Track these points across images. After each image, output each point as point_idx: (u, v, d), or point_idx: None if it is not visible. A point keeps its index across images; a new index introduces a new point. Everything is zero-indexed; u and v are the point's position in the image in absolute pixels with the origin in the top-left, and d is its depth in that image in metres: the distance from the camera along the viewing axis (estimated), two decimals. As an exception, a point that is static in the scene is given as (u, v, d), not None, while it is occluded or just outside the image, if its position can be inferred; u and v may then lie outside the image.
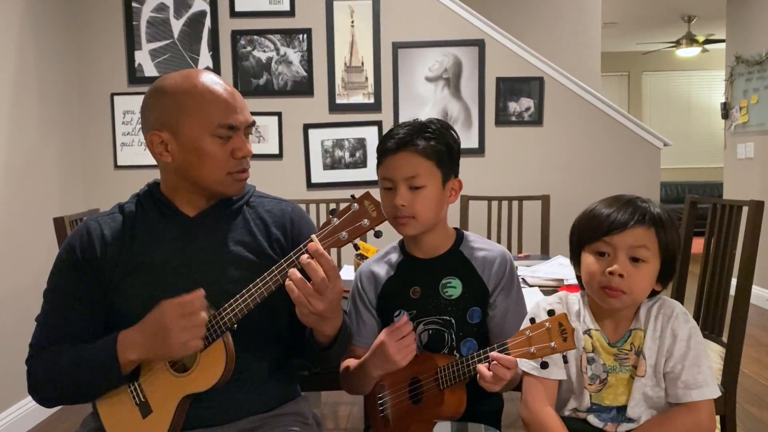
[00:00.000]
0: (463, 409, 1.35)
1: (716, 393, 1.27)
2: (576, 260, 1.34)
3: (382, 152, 1.42)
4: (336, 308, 1.20)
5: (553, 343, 1.14)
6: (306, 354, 1.36)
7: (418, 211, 1.38)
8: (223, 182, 1.29)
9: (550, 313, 1.17)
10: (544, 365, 1.19)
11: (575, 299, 1.36)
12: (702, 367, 1.26)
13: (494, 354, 1.20)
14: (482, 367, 1.21)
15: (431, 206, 1.40)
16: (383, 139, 1.43)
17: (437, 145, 1.40)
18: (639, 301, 1.29)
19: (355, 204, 1.12)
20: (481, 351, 1.25)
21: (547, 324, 1.15)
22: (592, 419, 1.31)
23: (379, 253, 1.57)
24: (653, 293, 1.31)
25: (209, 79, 1.27)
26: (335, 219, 1.13)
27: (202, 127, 1.25)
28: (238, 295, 1.18)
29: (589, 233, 1.28)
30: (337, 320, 1.25)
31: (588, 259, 1.29)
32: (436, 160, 1.40)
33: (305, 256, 1.14)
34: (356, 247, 1.17)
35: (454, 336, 1.43)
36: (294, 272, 1.14)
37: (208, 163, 1.26)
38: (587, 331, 1.32)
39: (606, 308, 1.30)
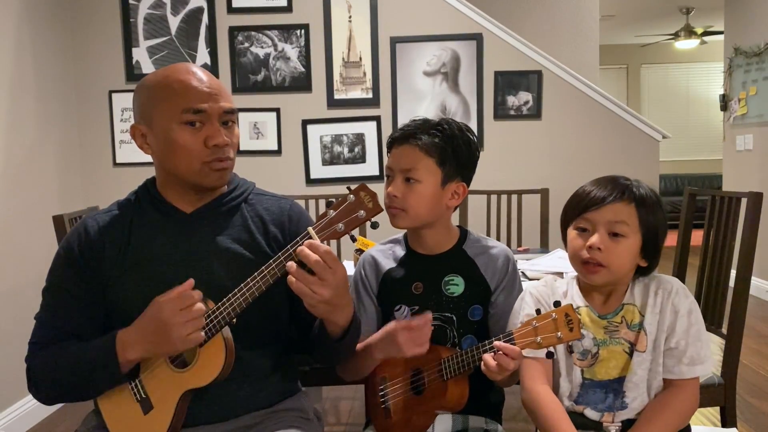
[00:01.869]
0: (465, 401, 1.35)
1: (713, 364, 1.31)
2: (564, 240, 1.36)
3: (390, 142, 1.46)
4: (344, 294, 1.18)
5: (559, 333, 1.16)
6: (314, 349, 1.35)
7: (410, 204, 1.40)
8: (199, 173, 1.26)
9: (556, 304, 1.19)
10: (550, 355, 1.21)
11: (563, 281, 1.38)
12: (703, 342, 1.29)
13: (499, 344, 1.21)
14: (488, 357, 1.22)
15: (424, 202, 1.40)
16: (394, 131, 1.47)
17: (441, 143, 1.40)
18: (619, 275, 1.29)
19: (351, 195, 1.12)
20: (487, 341, 1.26)
21: (553, 315, 1.17)
22: (589, 412, 1.31)
23: (383, 242, 1.57)
24: (643, 270, 1.32)
25: (183, 69, 1.27)
26: (331, 211, 1.13)
27: (170, 116, 1.24)
28: (236, 290, 1.18)
29: (571, 211, 1.32)
30: (349, 308, 1.23)
31: (571, 234, 1.32)
32: (436, 157, 1.40)
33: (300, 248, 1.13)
34: (353, 239, 1.16)
35: (455, 332, 1.44)
36: (291, 265, 1.13)
37: (179, 153, 1.24)
38: (575, 309, 1.32)
39: (590, 284, 1.32)
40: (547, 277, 1.41)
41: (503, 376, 1.22)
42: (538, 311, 1.21)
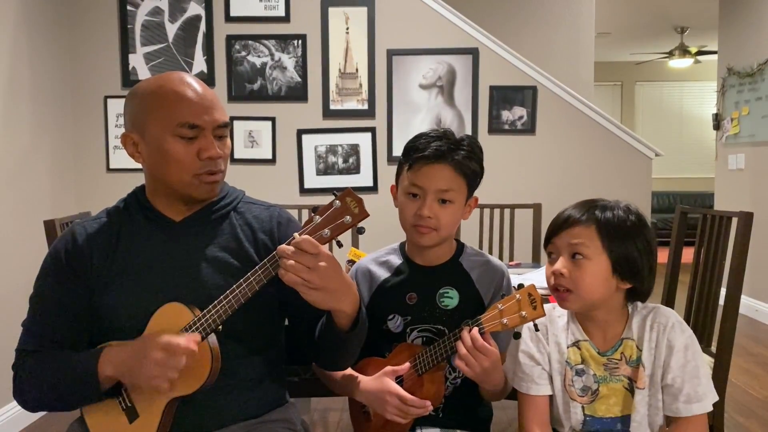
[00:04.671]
0: (441, 397, 1.34)
1: (714, 399, 1.26)
2: None
3: (417, 158, 1.39)
4: (336, 277, 1.14)
5: (523, 312, 1.18)
6: (320, 348, 1.30)
7: (443, 225, 1.39)
8: (190, 184, 1.26)
9: (520, 286, 1.20)
10: (517, 335, 1.24)
11: (562, 311, 1.35)
12: (701, 378, 1.25)
13: (472, 332, 1.21)
14: (460, 345, 1.22)
15: (454, 221, 1.41)
16: (417, 145, 1.40)
17: (473, 164, 1.41)
18: (592, 299, 1.25)
19: (337, 201, 1.11)
20: (456, 330, 1.25)
21: (517, 296, 1.19)
22: None
23: (378, 252, 1.56)
24: (636, 295, 1.29)
25: (178, 79, 1.26)
26: (317, 217, 1.12)
27: (164, 127, 1.23)
28: (222, 296, 1.17)
29: (545, 238, 1.33)
30: (350, 293, 1.19)
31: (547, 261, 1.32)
32: (468, 179, 1.41)
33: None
34: (339, 245, 1.15)
35: None
36: (282, 249, 1.11)
37: (172, 164, 1.24)
38: (576, 343, 1.31)
39: (574, 313, 1.31)
40: (546, 306, 1.38)
41: (477, 370, 1.21)
42: (502, 295, 1.23)
